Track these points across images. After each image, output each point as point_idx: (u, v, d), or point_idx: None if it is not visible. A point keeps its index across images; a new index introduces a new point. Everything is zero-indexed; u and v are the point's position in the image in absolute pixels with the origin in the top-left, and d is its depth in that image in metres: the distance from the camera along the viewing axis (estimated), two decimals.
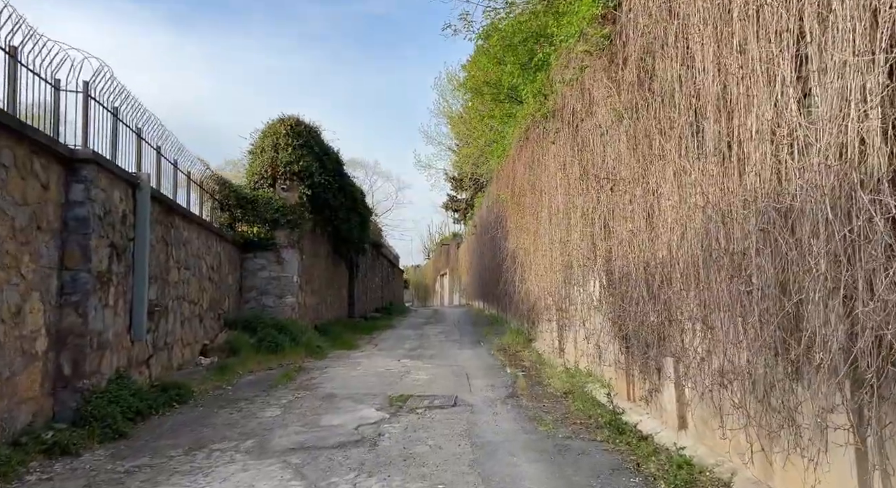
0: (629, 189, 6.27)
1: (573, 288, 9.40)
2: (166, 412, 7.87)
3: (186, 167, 11.51)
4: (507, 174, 14.78)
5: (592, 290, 8.49)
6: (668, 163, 5.15)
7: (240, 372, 11.08)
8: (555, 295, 10.78)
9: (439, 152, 44.75)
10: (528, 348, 14.12)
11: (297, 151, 15.68)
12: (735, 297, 4.21)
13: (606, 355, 8.13)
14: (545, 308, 12.14)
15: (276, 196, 15.55)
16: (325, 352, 14.07)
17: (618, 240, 6.91)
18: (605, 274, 7.81)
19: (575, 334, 9.71)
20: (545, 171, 10.28)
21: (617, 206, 6.79)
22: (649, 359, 6.53)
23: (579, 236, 8.48)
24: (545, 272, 11.37)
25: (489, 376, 10.98)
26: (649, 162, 5.66)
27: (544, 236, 11.05)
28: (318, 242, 18.23)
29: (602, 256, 7.81)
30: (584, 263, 8.60)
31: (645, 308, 6.42)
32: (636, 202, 6.16)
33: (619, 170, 6.47)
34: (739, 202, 4.06)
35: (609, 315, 7.77)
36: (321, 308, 18.73)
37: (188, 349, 10.75)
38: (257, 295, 15.53)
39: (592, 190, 7.48)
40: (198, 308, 11.38)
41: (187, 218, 10.77)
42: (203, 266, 11.79)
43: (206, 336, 11.94)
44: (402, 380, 10.55)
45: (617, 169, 6.56)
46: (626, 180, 6.30)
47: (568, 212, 8.87)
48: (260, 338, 13.03)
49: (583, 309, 8.91)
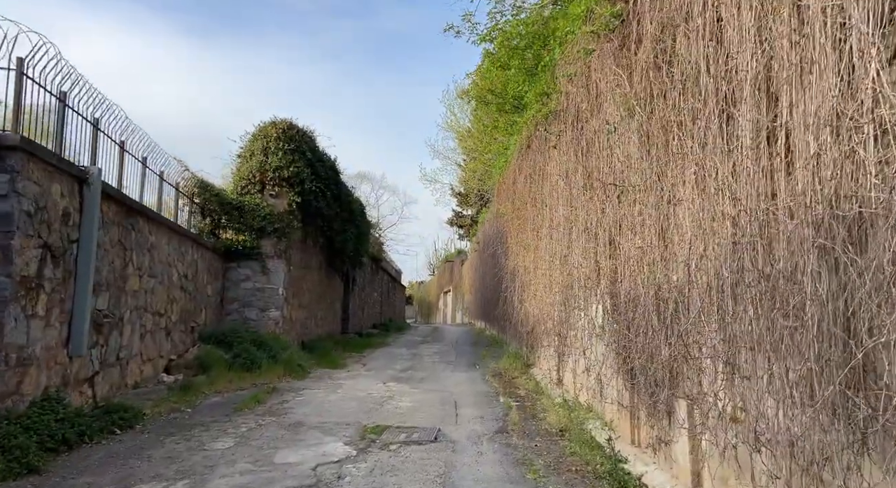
0: (639, 197, 5.30)
1: (573, 311, 8.39)
2: (103, 440, 6.88)
3: (159, 166, 10.62)
4: (507, 187, 13.84)
5: (594, 315, 7.49)
6: (688, 164, 4.17)
7: (206, 392, 10.09)
8: (554, 318, 9.77)
9: (445, 167, 43.85)
10: (526, 374, 13.09)
11: (287, 156, 14.79)
12: (775, 335, 3.21)
13: (608, 390, 7.10)
14: (544, 332, 11.13)
15: (263, 202, 14.65)
16: (306, 372, 13.07)
17: (625, 257, 5.92)
18: (610, 297, 6.82)
19: (574, 363, 8.68)
20: (546, 181, 9.32)
21: (625, 219, 5.81)
22: (658, 401, 5.51)
23: (581, 253, 7.50)
24: (544, 293, 10.37)
25: (480, 405, 9.96)
26: (664, 163, 4.69)
27: (544, 253, 10.07)
28: (310, 253, 17.30)
29: (606, 277, 6.82)
30: (585, 284, 7.60)
31: (655, 339, 5.42)
32: (647, 213, 5.18)
33: (628, 176, 5.50)
34: (785, 209, 3.08)
35: (612, 345, 6.76)
36: (310, 323, 17.75)
37: (149, 365, 9.78)
38: (240, 307, 14.58)
39: (597, 199, 6.51)
40: (164, 320, 10.43)
41: (154, 220, 9.85)
42: (174, 274, 10.85)
43: (175, 350, 10.98)
44: (382, 407, 9.54)
45: (626, 174, 5.59)
46: (636, 187, 5.33)
47: (569, 225, 7.89)
48: (235, 354, 12.05)
49: (583, 336, 7.90)
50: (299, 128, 15.31)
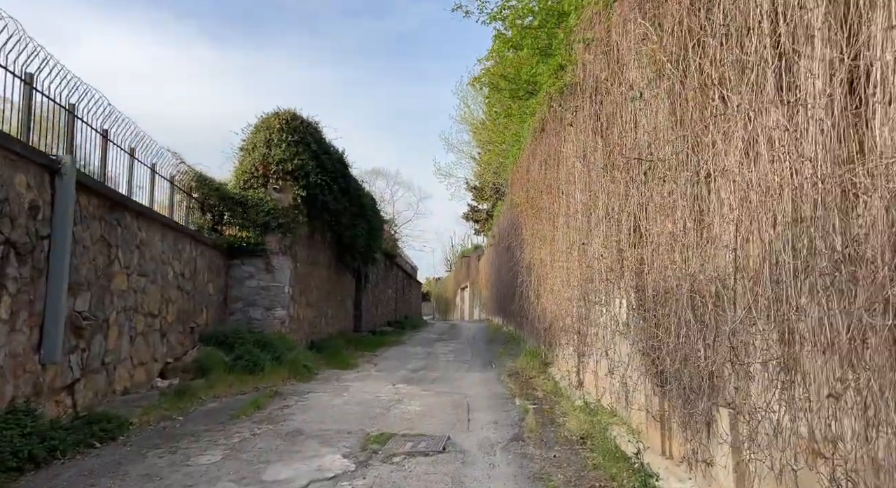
0: (670, 174, 4.56)
1: (594, 307, 7.66)
2: (78, 454, 6.26)
3: (150, 159, 10.01)
4: (521, 175, 13.09)
5: (617, 312, 6.75)
6: (733, 127, 3.44)
7: (202, 397, 9.48)
8: (573, 315, 9.04)
9: (460, 161, 43.12)
10: (544, 373, 12.36)
11: (291, 148, 14.15)
12: (858, 332, 2.48)
13: (635, 395, 6.37)
14: (562, 329, 10.39)
15: (267, 197, 14.03)
16: (312, 373, 12.44)
17: (652, 245, 5.19)
18: (635, 291, 6.08)
19: (596, 364, 7.95)
20: (562, 166, 8.59)
21: (652, 200, 5.07)
22: (695, 410, 4.77)
23: (602, 243, 6.76)
24: (562, 287, 9.64)
25: (494, 409, 9.27)
26: (701, 130, 3.95)
27: (561, 244, 9.34)
28: (317, 249, 16.67)
29: (631, 268, 6.08)
30: (607, 277, 6.87)
31: (690, 339, 4.68)
32: (679, 191, 4.45)
33: (657, 149, 4.77)
34: (869, 175, 2.35)
35: (639, 344, 6.02)
36: (319, 322, 17.14)
37: (142, 370, 9.19)
38: (244, 306, 13.98)
39: (619, 181, 5.77)
40: (159, 321, 9.84)
41: (144, 216, 9.24)
42: (168, 272, 10.26)
43: (172, 353, 10.39)
44: (389, 412, 8.88)
45: (653, 147, 4.85)
46: (665, 162, 4.59)
47: (588, 212, 7.16)
48: (237, 355, 11.45)
49: (605, 334, 7.16)
50: (303, 119, 14.66)
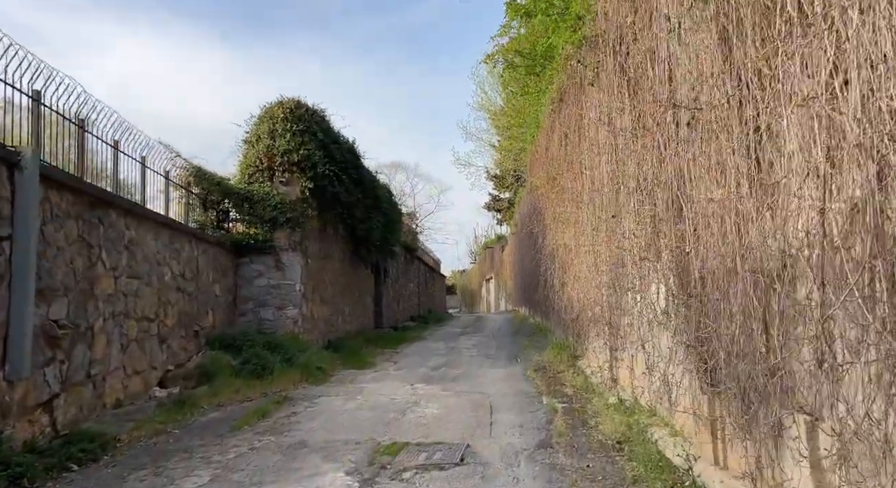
0: (718, 125, 3.69)
1: (626, 295, 6.79)
2: (49, 481, 5.59)
3: (139, 152, 9.33)
4: (540, 155, 12.21)
5: (654, 299, 5.88)
6: (817, 42, 2.57)
7: (204, 406, 8.81)
8: (602, 303, 8.17)
9: (479, 149, 42.23)
10: (573, 368, 11.51)
11: (296, 138, 13.41)
12: None
13: (678, 394, 5.51)
14: (591, 320, 9.52)
15: (273, 191, 13.32)
16: (326, 375, 11.72)
17: (698, 217, 4.32)
18: (675, 274, 5.21)
19: (631, 359, 7.08)
20: (584, 137, 7.72)
21: (695, 163, 4.20)
22: (757, 413, 3.91)
23: (633, 220, 5.90)
24: (589, 273, 8.77)
25: (519, 409, 8.46)
26: (765, 59, 3.08)
27: (586, 226, 8.47)
28: (330, 244, 15.95)
29: (669, 247, 5.21)
30: (640, 259, 6.00)
31: (749, 328, 3.82)
32: (730, 146, 3.58)
33: (699, 95, 3.90)
34: None
35: (682, 336, 5.16)
36: (336, 319, 16.44)
37: (138, 379, 8.52)
38: (254, 306, 13.31)
39: (653, 144, 4.91)
40: (156, 326, 9.17)
41: (133, 213, 8.56)
42: (166, 273, 9.58)
43: (173, 359, 9.73)
44: (404, 417, 8.11)
45: (696, 92, 3.98)
46: (713, 109, 3.72)
47: (616, 186, 6.30)
48: (244, 359, 10.77)
49: (641, 325, 6.30)
50: (308, 107, 13.90)
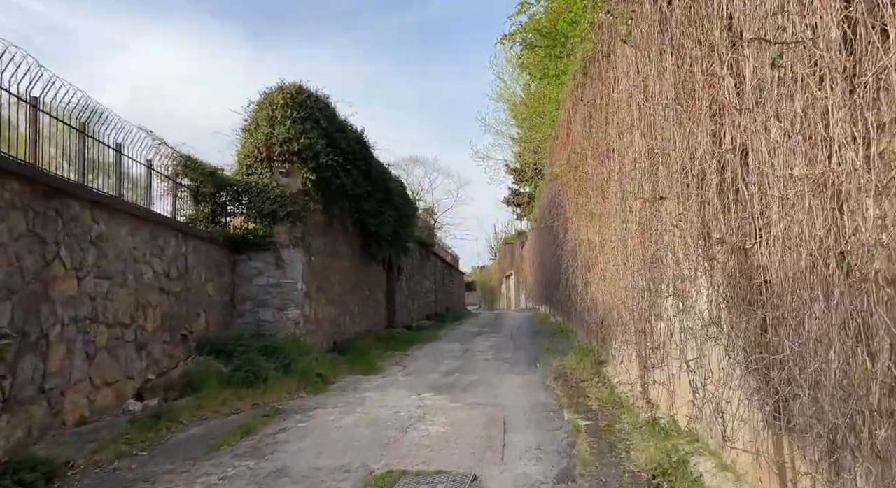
0: (808, 71, 2.63)
1: (664, 299, 5.71)
2: None
3: (113, 138, 8.40)
4: (561, 140, 11.12)
5: (700, 306, 4.81)
6: None
7: (184, 420, 7.88)
8: (631, 308, 7.10)
9: (498, 141, 41.11)
10: (598, 375, 10.44)
11: (297, 125, 12.44)
12: None
13: (734, 426, 4.44)
14: (618, 325, 8.46)
15: (272, 182, 12.38)
16: (327, 382, 10.76)
17: (768, 201, 3.25)
18: (730, 275, 4.14)
19: (669, 374, 6.01)
20: (613, 113, 6.64)
21: (767, 129, 3.13)
22: (856, 474, 2.85)
23: (676, 210, 4.83)
24: (617, 273, 7.69)
25: (537, 427, 7.44)
26: None
27: (614, 219, 7.39)
28: (337, 240, 15.00)
29: (724, 242, 4.14)
30: (684, 257, 4.93)
31: (848, 354, 2.76)
32: (830, 101, 2.52)
33: (784, 28, 2.84)
34: None
35: (739, 355, 4.09)
36: (343, 320, 15.49)
37: (108, 391, 7.62)
38: (253, 307, 12.40)
39: (706, 113, 3.83)
40: (133, 331, 8.26)
41: (104, 205, 7.65)
42: (146, 272, 8.67)
43: (155, 368, 8.82)
44: (405, 436, 7.13)
45: (778, 22, 2.91)
46: (802, 50, 2.66)
47: (654, 167, 5.23)
48: (236, 366, 9.85)
49: (683, 335, 5.22)
50: (311, 93, 12.92)
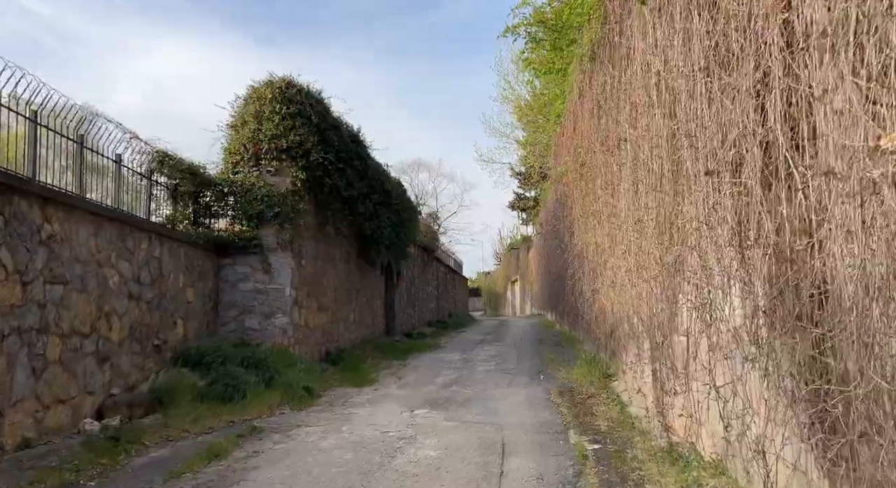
0: None
1: (687, 311, 4.90)
2: None
3: (74, 129, 7.65)
4: (567, 135, 10.32)
5: (734, 320, 3.99)
6: None
7: (147, 442, 7.09)
8: (647, 319, 6.28)
9: (503, 145, 40.31)
10: (606, 390, 9.62)
11: (286, 121, 11.69)
12: None
13: (776, 470, 3.61)
14: (630, 336, 7.65)
15: (259, 182, 11.63)
16: (313, 396, 9.96)
17: (825, 187, 2.44)
18: (773, 284, 3.32)
19: (692, 397, 5.18)
20: (625, 97, 5.84)
21: (838, 86, 2.33)
22: None
23: (704, 204, 4.02)
24: (628, 279, 6.88)
25: (540, 450, 6.63)
26: None
27: (626, 219, 6.58)
28: (330, 243, 14.22)
29: (764, 245, 3.33)
30: (714, 261, 4.11)
31: None
32: None
33: None
34: None
35: (785, 383, 3.27)
36: (337, 328, 14.70)
37: (61, 409, 6.86)
38: (238, 314, 11.63)
39: (749, 72, 3.04)
40: (93, 341, 7.51)
41: (58, 203, 6.91)
42: (111, 276, 7.92)
43: (120, 382, 8.06)
44: (392, 462, 6.33)
45: None
46: None
47: (676, 154, 4.43)
48: (213, 379, 9.08)
49: (712, 354, 4.40)
50: (301, 88, 12.16)
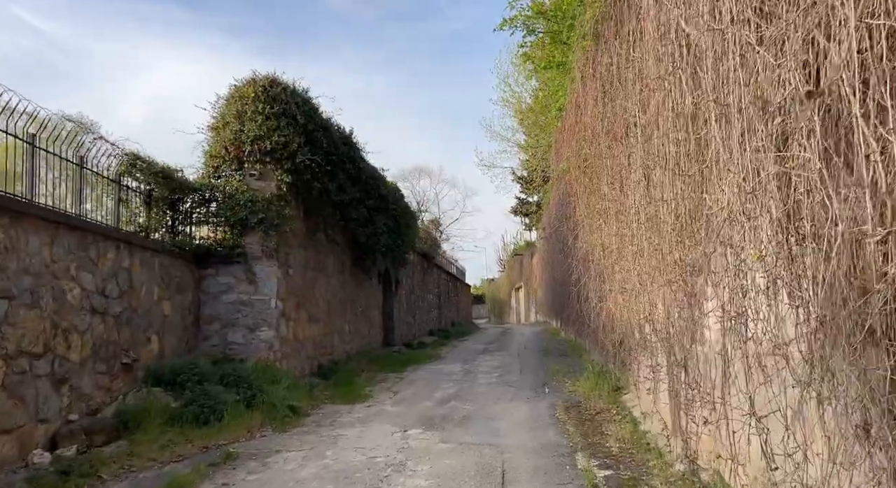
0: None
1: (714, 319, 4.13)
2: None
3: (25, 128, 6.93)
4: (569, 127, 9.55)
5: (784, 333, 3.22)
6: None
7: (104, 474, 6.31)
8: (662, 328, 5.51)
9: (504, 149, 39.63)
10: (616, 405, 8.85)
11: (270, 121, 10.95)
12: None
13: None
14: (642, 347, 6.87)
15: (242, 186, 10.91)
16: (299, 416, 9.18)
17: None
18: (832, 286, 2.56)
19: (727, 427, 4.39)
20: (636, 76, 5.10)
21: None
22: None
23: (740, 189, 3.27)
24: (641, 283, 6.11)
25: (542, 479, 5.87)
26: None
27: (638, 215, 5.82)
28: (322, 251, 13.48)
29: (825, 238, 2.57)
30: (754, 259, 3.35)
31: None
32: None
33: None
34: None
35: (856, 415, 2.50)
36: (330, 340, 13.93)
37: (6, 440, 6.09)
38: (221, 328, 10.87)
39: (797, 18, 2.32)
40: (49, 362, 6.76)
41: (1, 208, 6.17)
42: (70, 290, 7.18)
43: (80, 406, 7.30)
44: None
45: None
46: None
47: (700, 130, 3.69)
48: (188, 399, 8.32)
49: (751, 374, 3.63)
50: (286, 86, 11.43)
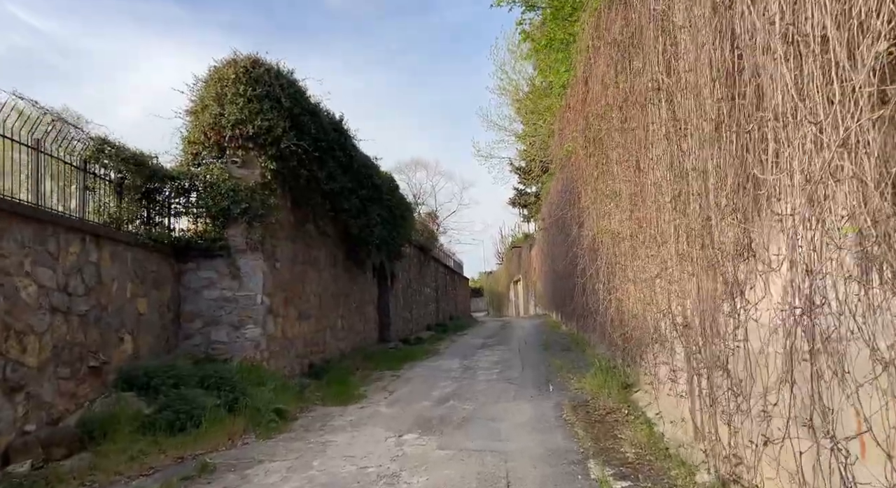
0: None
1: (765, 312, 3.45)
2: None
3: None
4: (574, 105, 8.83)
5: (889, 336, 2.53)
6: None
7: None
8: (681, 323, 4.82)
9: (502, 139, 38.84)
10: (627, 403, 8.18)
11: (252, 104, 10.21)
12: None
13: None
14: (656, 342, 6.19)
15: (224, 174, 10.19)
16: (285, 420, 8.49)
17: None
18: None
19: (789, 449, 3.71)
20: (663, 20, 4.40)
21: None
22: None
23: (815, 147, 2.59)
24: (664, 271, 5.42)
25: None
26: None
27: (657, 196, 5.13)
28: (313, 244, 12.77)
29: None
30: (821, 243, 2.67)
31: None
32: None
33: None
34: None
35: None
36: (322, 337, 13.24)
37: None
38: (203, 326, 10.17)
39: None
40: (0, 368, 6.07)
41: None
42: (26, 287, 6.49)
43: (39, 416, 6.61)
44: None
45: None
46: None
47: (750, 86, 3.00)
48: (163, 404, 7.64)
49: (836, 387, 2.95)
50: (269, 67, 10.68)
